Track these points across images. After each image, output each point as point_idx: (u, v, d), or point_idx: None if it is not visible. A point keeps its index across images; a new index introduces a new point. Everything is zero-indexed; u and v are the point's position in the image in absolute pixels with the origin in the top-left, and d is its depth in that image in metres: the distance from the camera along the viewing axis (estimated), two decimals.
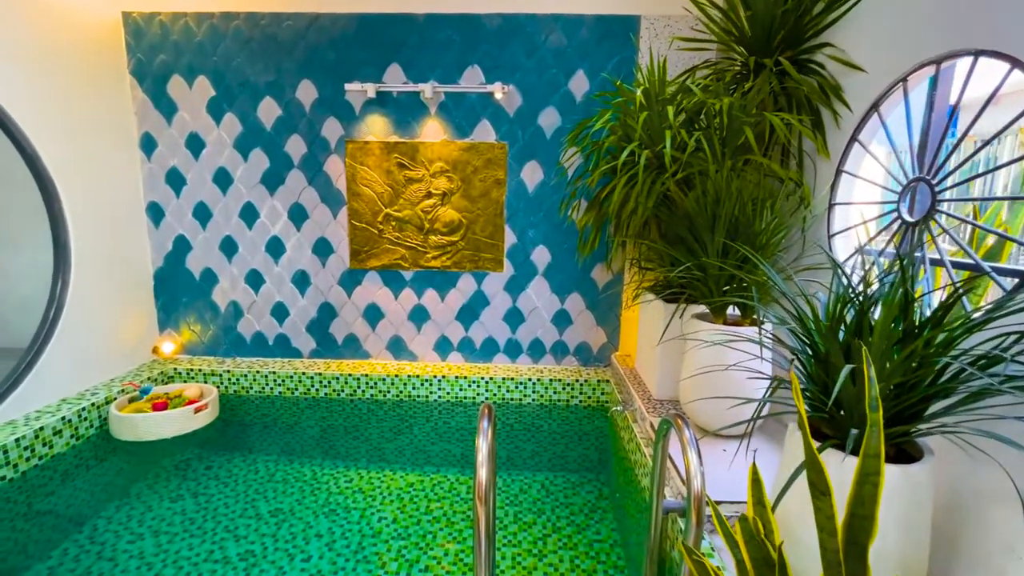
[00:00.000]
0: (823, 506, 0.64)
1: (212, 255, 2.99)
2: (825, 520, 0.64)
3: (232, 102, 2.81)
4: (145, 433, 2.40)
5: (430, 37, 2.70)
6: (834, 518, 0.63)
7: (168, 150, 2.88)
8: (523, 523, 1.99)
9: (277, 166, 2.88)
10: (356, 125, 2.82)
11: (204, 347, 3.10)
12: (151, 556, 1.76)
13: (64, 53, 2.42)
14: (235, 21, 2.72)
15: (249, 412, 2.84)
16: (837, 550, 0.63)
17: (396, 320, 3.03)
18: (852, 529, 0.66)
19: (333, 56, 2.73)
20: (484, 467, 1.07)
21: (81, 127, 2.51)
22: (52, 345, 2.38)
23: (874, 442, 0.66)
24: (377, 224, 2.92)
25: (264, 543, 1.84)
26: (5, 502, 1.96)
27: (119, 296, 2.78)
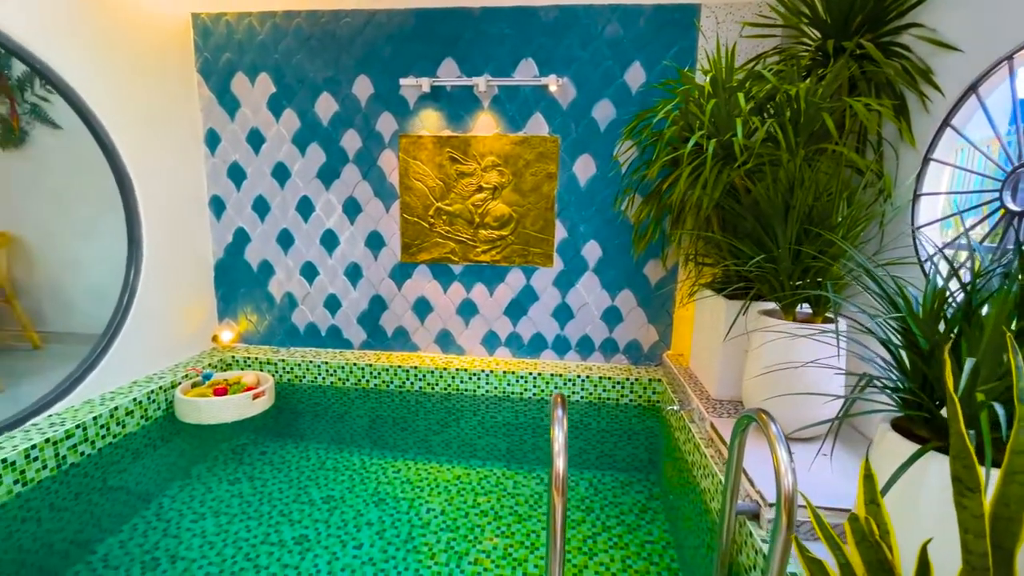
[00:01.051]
0: (971, 504, 0.58)
1: (269, 247, 3.08)
2: (972, 520, 0.58)
3: (291, 98, 2.89)
4: (207, 417, 2.49)
5: (485, 30, 2.70)
6: (983, 518, 0.57)
7: (230, 145, 2.99)
8: (571, 520, 1.96)
9: (333, 160, 2.94)
10: (410, 120, 2.84)
11: (260, 337, 3.20)
12: (212, 535, 1.82)
13: (140, 53, 2.54)
14: (296, 19, 2.80)
15: (301, 400, 2.91)
16: (985, 553, 0.57)
17: (445, 314, 3.04)
18: (997, 532, 0.59)
19: (389, 51, 2.77)
20: (560, 457, 1.04)
21: (154, 123, 2.63)
22: (125, 330, 2.50)
23: (1023, 437, 0.59)
24: (428, 218, 2.94)
25: (317, 528, 1.87)
26: (84, 477, 2.06)
27: (183, 285, 2.90)
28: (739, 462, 1.29)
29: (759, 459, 1.58)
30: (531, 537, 1.85)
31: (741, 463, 1.30)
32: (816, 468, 1.54)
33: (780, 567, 0.98)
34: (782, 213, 1.70)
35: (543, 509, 2.01)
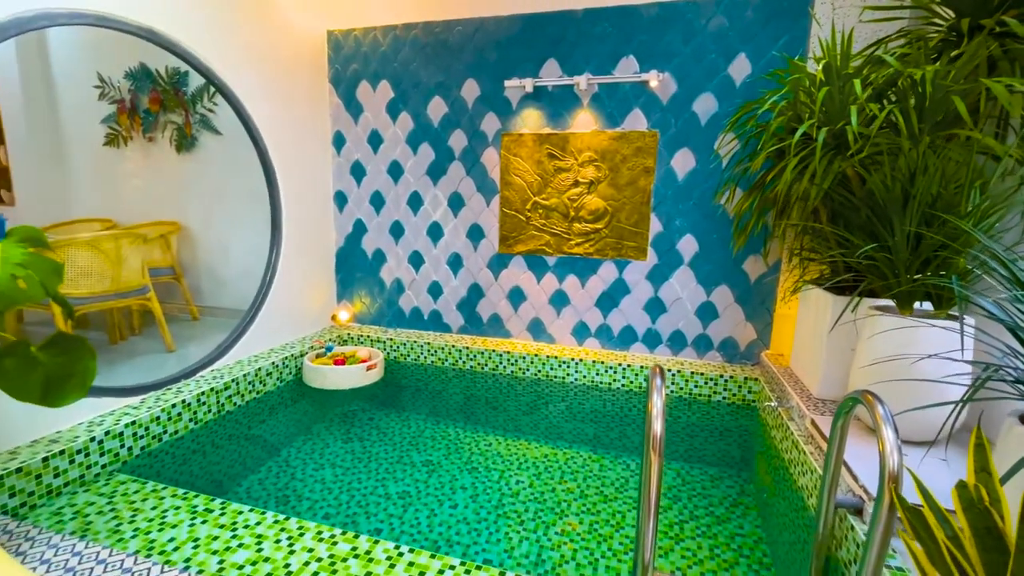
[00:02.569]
0: None
1: (383, 237, 3.42)
2: None
3: (407, 102, 3.19)
4: (330, 383, 2.83)
5: (587, 31, 2.80)
6: None
7: (353, 146, 3.36)
8: (659, 506, 1.99)
9: (441, 158, 3.20)
10: (512, 119, 3.02)
11: (371, 317, 3.56)
12: (330, 483, 2.09)
13: (287, 67, 2.96)
14: (414, 31, 3.09)
15: (405, 376, 3.19)
16: None
17: (537, 303, 3.18)
18: None
19: (495, 56, 2.97)
20: (658, 420, 1.11)
21: (294, 128, 3.05)
22: (266, 305, 2.93)
23: None
24: (525, 211, 3.10)
25: (418, 487, 2.07)
26: (235, 424, 2.45)
27: (310, 269, 3.31)
28: (840, 449, 1.27)
29: (863, 454, 1.52)
30: (616, 517, 1.91)
31: (843, 450, 1.28)
32: (932, 472, 1.45)
33: (880, 549, 0.97)
34: (900, 203, 1.62)
35: (629, 493, 2.07)
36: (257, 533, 1.51)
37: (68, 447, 1.74)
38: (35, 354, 1.32)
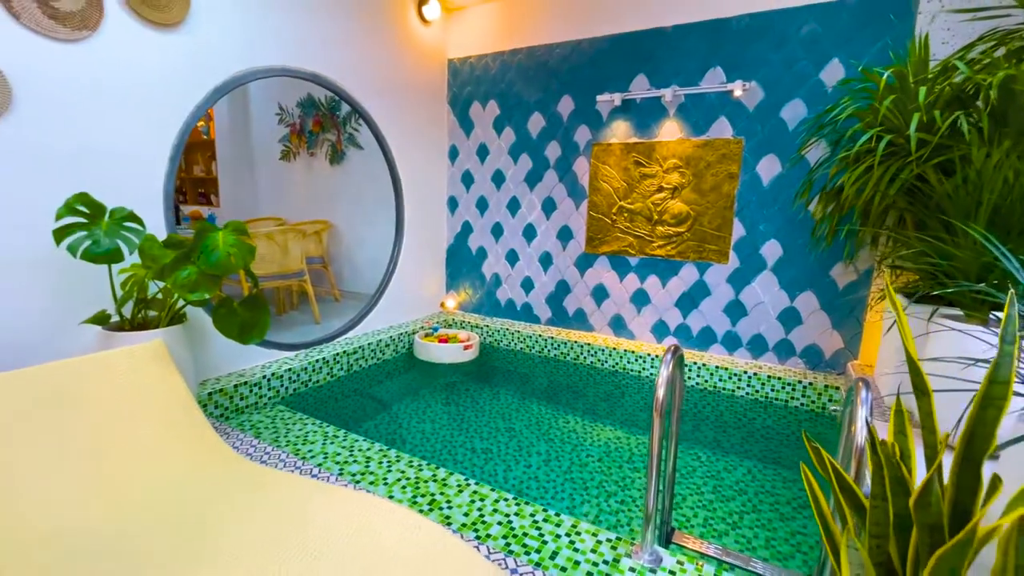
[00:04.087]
0: None
1: (486, 237, 3.89)
2: None
3: (511, 118, 3.62)
4: (434, 357, 3.36)
5: (676, 45, 2.97)
6: None
7: (465, 157, 3.88)
8: (721, 495, 2.09)
9: (537, 167, 3.57)
10: (602, 130, 3.29)
11: (472, 306, 4.06)
12: (428, 434, 2.54)
13: (414, 93, 3.55)
14: (519, 55, 3.51)
15: (497, 359, 3.62)
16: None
17: (619, 301, 3.40)
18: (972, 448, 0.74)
19: (589, 73, 3.26)
20: (662, 388, 1.35)
21: (417, 143, 3.64)
22: (388, 290, 3.55)
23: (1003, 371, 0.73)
24: (611, 215, 3.34)
25: (499, 447, 2.44)
26: (359, 381, 3.07)
27: (425, 262, 3.89)
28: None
29: None
30: (677, 498, 2.06)
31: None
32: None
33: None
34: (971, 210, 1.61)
35: (693, 479, 2.20)
36: (367, 456, 2.00)
37: (249, 380, 2.43)
38: (235, 307, 1.95)
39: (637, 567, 1.38)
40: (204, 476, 1.52)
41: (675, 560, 1.41)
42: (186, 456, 1.57)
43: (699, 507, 2.02)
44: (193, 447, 1.61)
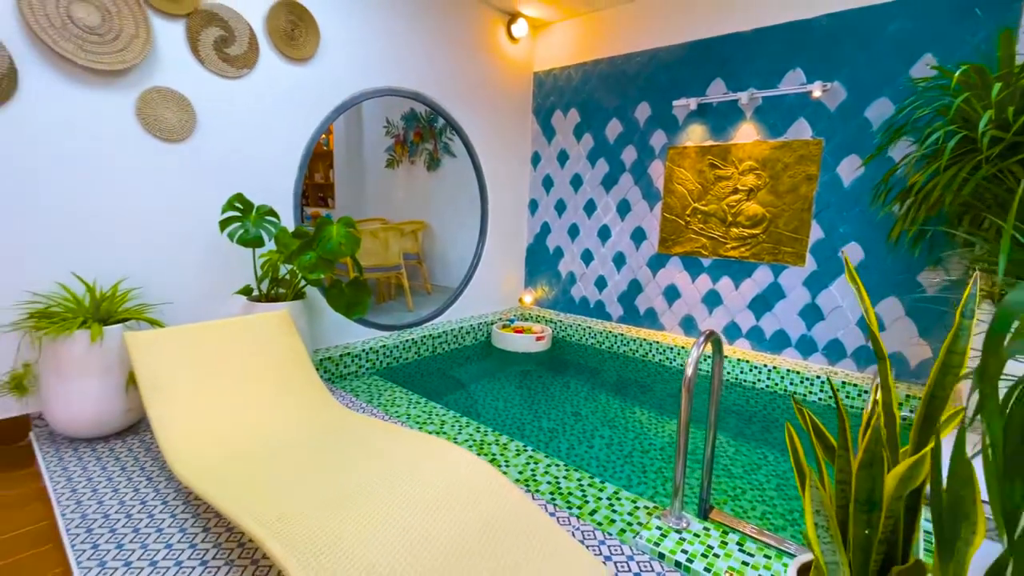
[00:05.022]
0: None
1: (562, 237, 4.12)
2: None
3: (590, 125, 3.82)
4: (509, 346, 3.66)
5: (755, 49, 2.99)
6: None
7: (546, 162, 4.15)
8: (784, 494, 2.09)
9: (614, 171, 3.73)
10: (678, 134, 3.38)
11: (548, 302, 4.30)
12: (501, 410, 2.82)
13: (502, 105, 3.89)
14: (600, 65, 3.70)
15: (569, 353, 3.82)
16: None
17: (691, 301, 3.45)
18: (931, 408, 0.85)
19: (666, 79, 3.37)
20: (691, 367, 1.50)
21: (503, 150, 3.97)
22: (471, 284, 3.91)
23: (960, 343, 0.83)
24: (685, 216, 3.41)
25: (564, 428, 2.64)
26: (442, 362, 3.44)
27: (505, 261, 4.21)
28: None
29: None
30: (736, 491, 2.11)
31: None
32: None
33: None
34: None
35: (756, 476, 2.24)
36: (442, 419, 2.33)
37: (351, 352, 2.89)
38: (344, 287, 2.37)
39: (663, 526, 1.54)
40: (316, 418, 1.93)
41: (702, 527, 1.54)
42: (303, 402, 2.00)
43: (758, 502, 2.08)
44: (308, 396, 2.04)
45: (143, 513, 1.53)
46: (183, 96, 2.24)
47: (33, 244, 1.94)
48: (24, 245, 1.92)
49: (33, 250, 1.94)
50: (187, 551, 1.37)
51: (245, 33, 2.38)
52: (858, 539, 0.83)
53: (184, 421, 1.70)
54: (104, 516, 1.51)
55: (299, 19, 2.58)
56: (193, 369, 1.83)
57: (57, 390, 1.85)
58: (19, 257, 1.91)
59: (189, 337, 1.90)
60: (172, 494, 1.64)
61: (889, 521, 0.81)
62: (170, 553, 1.36)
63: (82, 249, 2.05)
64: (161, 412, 1.69)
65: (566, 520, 1.59)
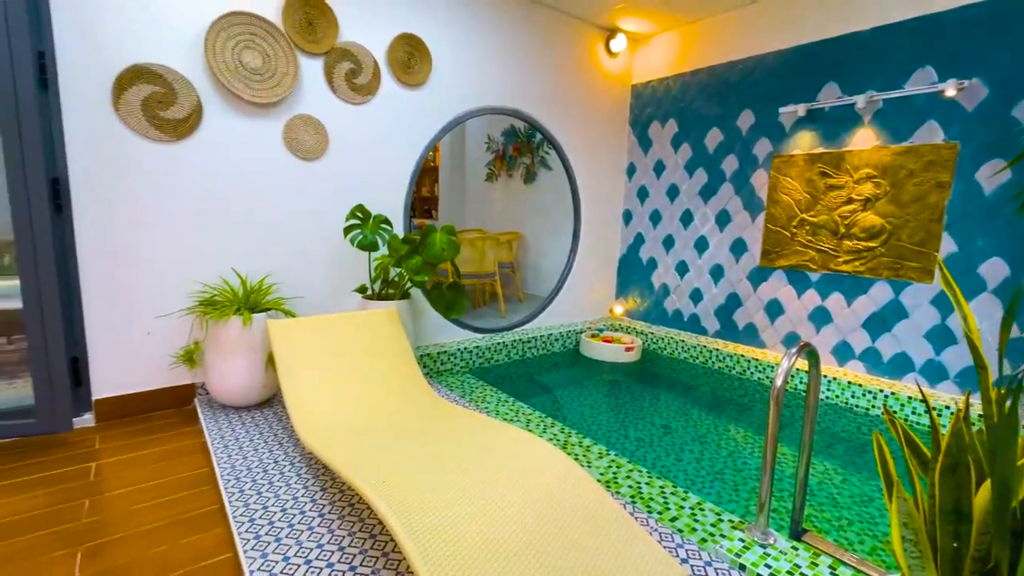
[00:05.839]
0: None
1: (657, 248, 4.07)
2: None
3: (688, 135, 3.76)
4: (596, 355, 3.69)
5: (874, 48, 2.78)
6: None
7: (642, 173, 4.14)
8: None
9: (713, 181, 3.64)
10: (784, 142, 3.22)
11: (639, 314, 4.25)
12: (586, 416, 2.86)
13: (599, 118, 3.97)
14: (699, 75, 3.64)
15: (660, 365, 3.75)
16: None
17: (795, 317, 3.24)
18: None
19: (772, 86, 3.23)
20: (780, 378, 1.46)
21: (598, 162, 4.04)
22: (562, 292, 4.00)
23: None
24: (791, 228, 3.22)
25: (652, 438, 2.62)
26: (530, 366, 3.57)
27: (597, 271, 4.25)
28: None
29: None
30: (841, 522, 1.93)
31: None
32: None
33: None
34: None
35: (867, 509, 2.04)
36: (528, 418, 2.44)
37: (447, 351, 3.12)
38: (444, 289, 2.60)
39: (747, 539, 1.50)
40: (416, 403, 2.14)
41: (789, 545, 1.48)
42: (406, 389, 2.22)
43: (868, 536, 1.91)
44: (410, 384, 2.26)
45: (275, 470, 1.82)
46: (319, 121, 2.62)
47: (207, 244, 2.39)
48: (201, 245, 2.38)
49: (207, 249, 2.39)
50: (309, 504, 1.62)
51: (370, 65, 2.73)
52: (946, 553, 0.79)
53: (309, 396, 1.98)
54: (247, 469, 1.82)
55: (415, 49, 2.89)
56: (318, 354, 2.14)
57: (216, 364, 2.25)
58: (198, 255, 2.37)
59: (316, 327, 2.22)
60: (298, 457, 1.93)
61: (984, 538, 0.77)
62: (295, 504, 1.61)
63: (240, 248, 2.48)
64: (292, 388, 1.99)
65: (644, 521, 1.62)
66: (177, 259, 2.33)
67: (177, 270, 2.33)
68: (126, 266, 2.22)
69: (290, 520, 1.52)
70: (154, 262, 2.28)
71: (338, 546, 1.42)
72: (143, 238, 2.24)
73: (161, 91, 2.19)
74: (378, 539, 1.47)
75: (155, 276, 2.29)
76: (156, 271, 2.29)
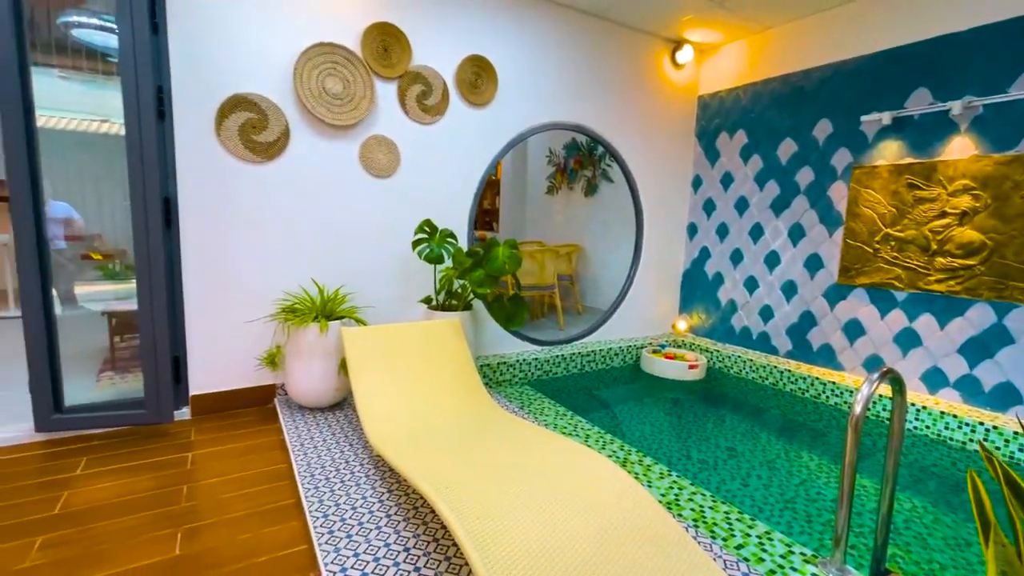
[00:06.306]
0: None
1: (723, 262, 3.93)
2: None
3: (758, 146, 3.63)
4: (658, 371, 3.60)
5: (973, 50, 2.57)
6: None
7: (708, 186, 4.03)
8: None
9: (785, 193, 3.47)
10: (866, 152, 3.02)
11: (704, 331, 4.11)
12: (646, 434, 2.80)
13: (663, 131, 3.92)
14: (772, 84, 3.51)
15: (726, 385, 3.60)
16: None
17: (878, 339, 3.01)
18: None
19: (853, 93, 3.06)
20: (860, 404, 1.38)
21: (662, 175, 3.98)
22: (622, 306, 3.95)
23: None
24: (873, 243, 3.01)
25: (716, 461, 2.51)
26: (588, 380, 3.54)
27: (659, 285, 4.16)
28: None
29: None
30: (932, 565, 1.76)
31: None
32: None
33: None
34: None
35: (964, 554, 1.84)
36: (587, 433, 2.44)
37: (506, 361, 3.17)
38: (505, 301, 2.65)
39: (821, 575, 1.42)
40: (477, 411, 2.20)
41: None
42: (467, 397, 2.29)
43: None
44: (472, 393, 2.33)
45: (346, 470, 1.93)
46: (392, 141, 2.78)
47: (290, 256, 2.59)
48: (285, 256, 2.58)
49: (289, 260, 2.59)
50: (376, 504, 1.70)
51: (439, 86, 2.86)
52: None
53: (377, 401, 2.09)
54: (321, 467, 1.94)
55: (482, 69, 3.00)
56: (386, 361, 2.25)
57: (294, 367, 2.43)
58: (281, 266, 2.58)
59: (385, 335, 2.34)
60: (366, 459, 2.03)
61: None
62: (364, 503, 1.71)
63: (317, 260, 2.66)
64: (362, 392, 2.11)
65: (708, 547, 1.57)
66: (264, 269, 2.54)
67: (263, 279, 2.54)
68: (221, 275, 2.45)
69: (359, 519, 1.61)
70: (244, 272, 2.50)
71: (403, 547, 1.49)
72: (236, 250, 2.47)
73: (255, 117, 2.42)
74: (441, 543, 1.52)
75: (245, 285, 2.51)
76: (246, 280, 2.51)
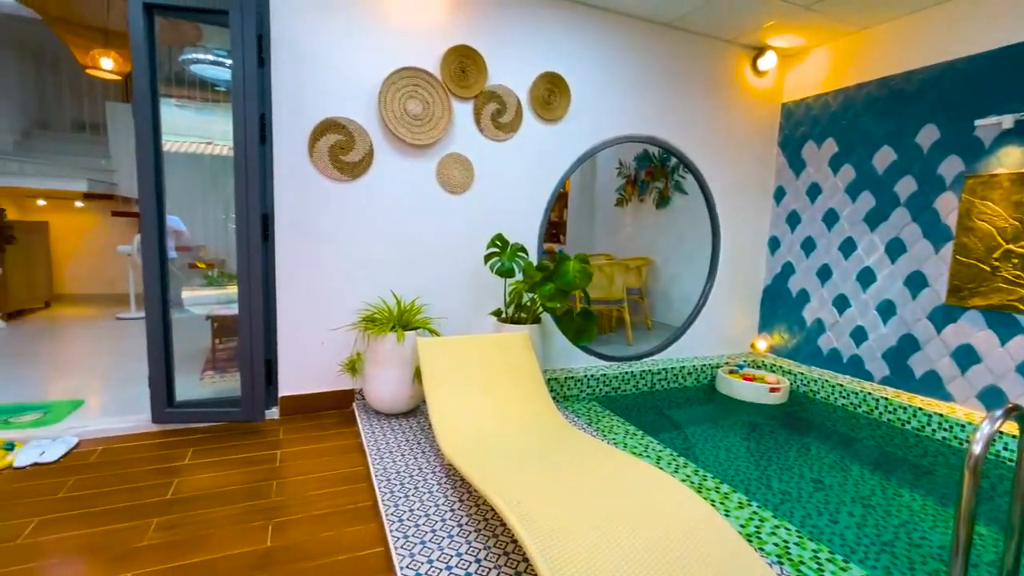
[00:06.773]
0: None
1: (809, 279, 3.68)
2: None
3: (850, 154, 3.37)
4: (735, 393, 3.42)
5: None
6: None
7: (792, 197, 3.80)
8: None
9: (882, 205, 3.20)
10: (982, 160, 2.73)
11: (787, 351, 3.85)
12: (722, 460, 2.65)
13: (743, 141, 3.76)
14: (866, 88, 3.26)
15: (812, 411, 3.35)
16: None
17: (997, 368, 2.68)
18: None
19: (963, 96, 2.77)
20: (979, 444, 1.23)
21: (740, 186, 3.81)
22: (696, 323, 3.80)
23: None
24: (991, 261, 2.70)
25: (800, 493, 2.33)
26: (659, 399, 3.42)
27: (737, 301, 3.96)
28: None
29: None
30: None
31: None
32: None
33: None
34: None
35: None
36: (658, 455, 2.36)
37: (574, 376, 3.14)
38: (574, 316, 2.64)
39: None
40: (545, 425, 2.19)
41: None
42: (536, 410, 2.29)
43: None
44: (540, 407, 2.33)
45: (420, 476, 1.99)
46: (467, 158, 2.87)
47: (370, 268, 2.74)
48: (366, 269, 2.73)
49: (369, 272, 2.74)
50: (448, 513, 1.74)
51: (514, 104, 2.93)
52: None
53: (449, 410, 2.15)
54: (396, 472, 2.02)
55: (555, 86, 3.03)
56: (458, 371, 2.31)
57: (372, 375, 2.55)
58: (363, 277, 2.73)
59: (457, 346, 2.40)
60: (438, 466, 2.09)
61: None
62: (437, 511, 1.75)
63: (395, 272, 2.80)
64: (435, 400, 2.17)
65: None
66: (347, 280, 2.70)
67: (346, 290, 2.70)
68: (309, 285, 2.64)
69: (432, 526, 1.66)
70: (329, 283, 2.67)
71: (475, 558, 1.51)
72: (322, 262, 2.65)
73: (343, 139, 2.60)
74: (511, 557, 1.53)
75: (330, 295, 2.68)
76: (331, 290, 2.68)
